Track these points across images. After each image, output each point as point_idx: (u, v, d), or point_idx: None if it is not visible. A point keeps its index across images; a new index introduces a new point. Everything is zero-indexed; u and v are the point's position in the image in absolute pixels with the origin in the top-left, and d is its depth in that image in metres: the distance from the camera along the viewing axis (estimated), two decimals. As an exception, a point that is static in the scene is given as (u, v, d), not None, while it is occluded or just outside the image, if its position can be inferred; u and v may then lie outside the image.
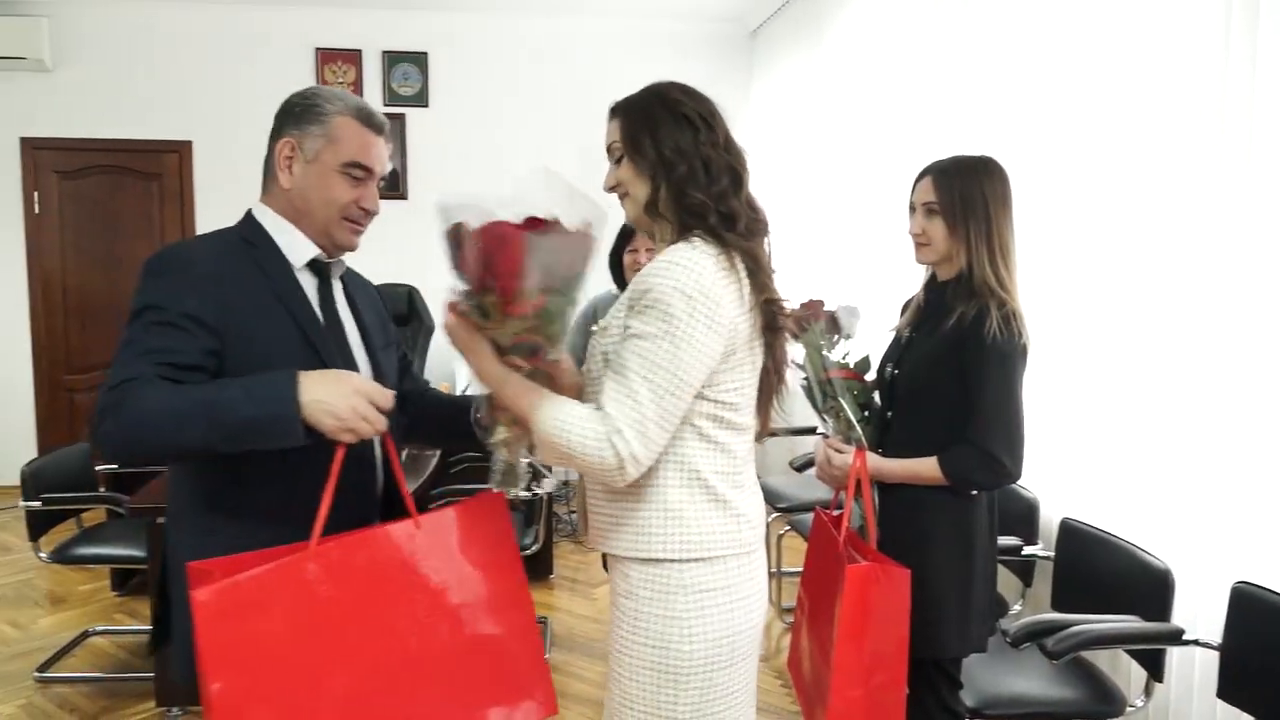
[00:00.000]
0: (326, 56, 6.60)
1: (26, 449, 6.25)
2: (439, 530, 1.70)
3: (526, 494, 1.77)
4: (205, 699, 1.45)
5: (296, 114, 1.77)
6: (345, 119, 1.76)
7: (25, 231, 6.45)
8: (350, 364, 1.79)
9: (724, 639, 1.65)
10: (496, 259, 1.49)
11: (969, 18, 3.88)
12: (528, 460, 1.77)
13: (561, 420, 1.55)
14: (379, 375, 1.85)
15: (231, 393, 1.52)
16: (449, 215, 1.60)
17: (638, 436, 1.53)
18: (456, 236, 1.57)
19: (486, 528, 1.76)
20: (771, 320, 1.69)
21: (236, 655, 1.41)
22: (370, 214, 1.82)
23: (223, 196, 6.45)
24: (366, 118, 1.79)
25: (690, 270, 1.57)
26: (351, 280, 1.96)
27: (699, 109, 1.71)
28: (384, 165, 1.83)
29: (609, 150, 1.77)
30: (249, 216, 1.81)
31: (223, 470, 1.66)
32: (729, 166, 1.69)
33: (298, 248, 1.78)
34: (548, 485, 1.84)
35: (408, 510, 1.70)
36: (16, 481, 3.72)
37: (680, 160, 1.66)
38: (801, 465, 4.18)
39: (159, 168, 6.57)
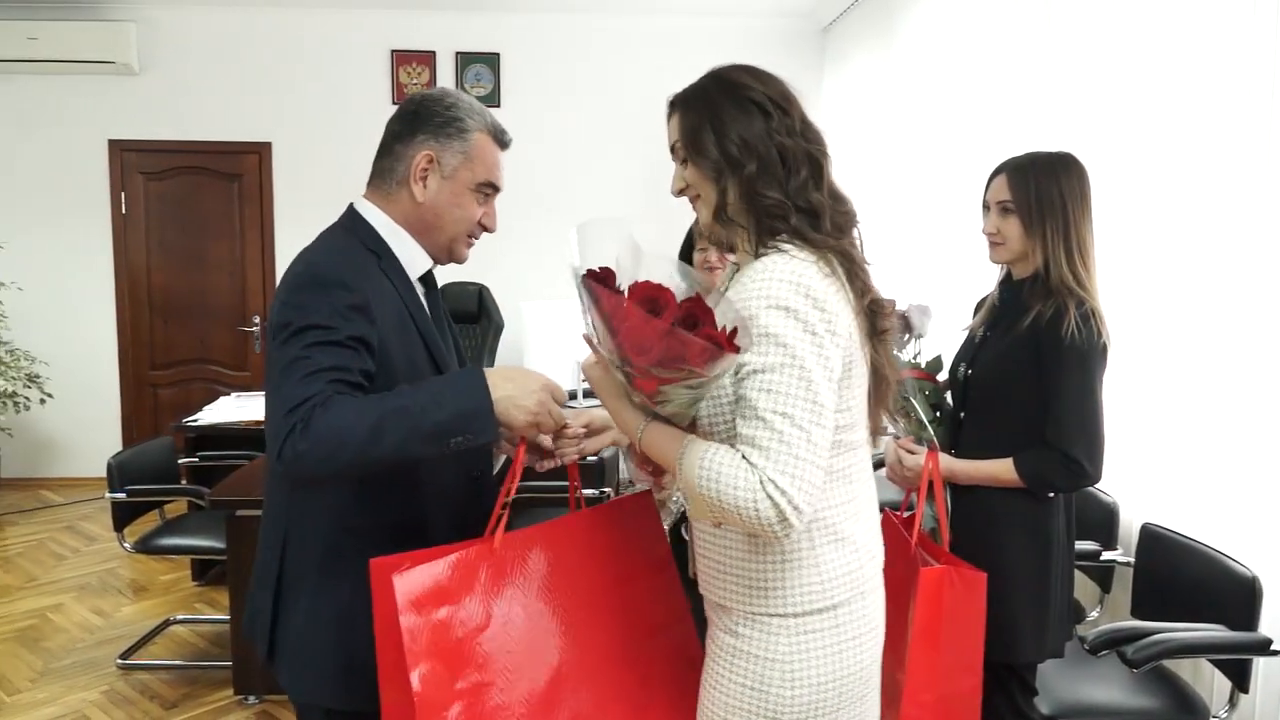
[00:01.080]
0: (401, 58, 6.69)
1: (112, 442, 6.44)
2: (603, 526, 1.72)
3: (666, 524, 1.73)
4: (395, 694, 1.46)
5: (437, 124, 1.71)
6: (484, 136, 1.74)
7: (113, 231, 6.65)
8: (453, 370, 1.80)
9: (829, 683, 1.49)
10: (626, 325, 1.35)
11: (1045, 10, 3.80)
12: (678, 498, 1.71)
13: (708, 470, 1.37)
14: None
15: (421, 398, 1.51)
16: (585, 249, 1.47)
17: (793, 482, 1.33)
18: (589, 287, 1.40)
19: (642, 525, 1.79)
20: (875, 323, 1.53)
21: (431, 644, 1.44)
22: (488, 231, 1.82)
23: (300, 196, 6.59)
24: (500, 135, 1.78)
25: (792, 283, 1.40)
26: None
27: (769, 92, 1.52)
28: (503, 182, 1.82)
29: (672, 150, 1.59)
30: (360, 219, 1.75)
31: (356, 507, 1.67)
32: (808, 155, 1.51)
33: (416, 261, 1.76)
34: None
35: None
36: (103, 473, 3.83)
37: (748, 156, 1.48)
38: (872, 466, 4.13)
39: (240, 168, 6.72)
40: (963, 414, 2.38)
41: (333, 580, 1.67)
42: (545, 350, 5.02)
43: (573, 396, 5.02)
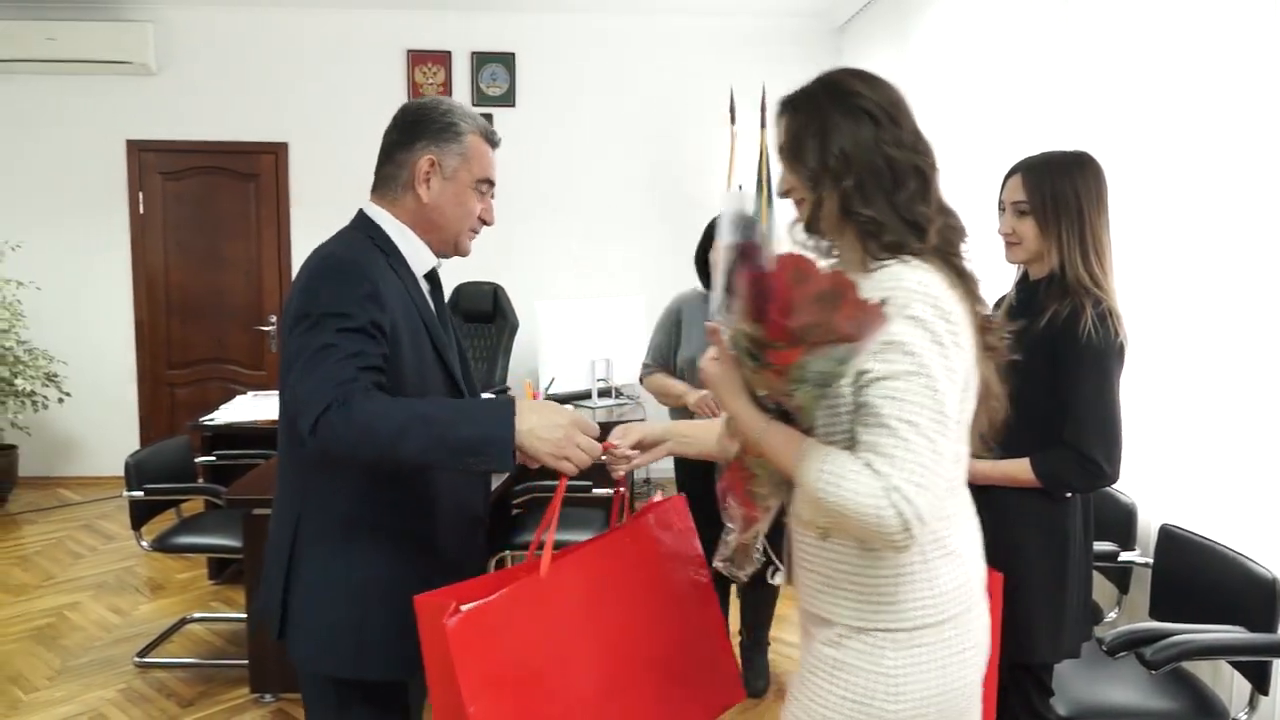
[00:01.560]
0: (417, 58, 6.71)
1: (129, 441, 6.47)
2: (641, 538, 1.77)
3: (744, 577, 1.70)
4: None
5: (435, 131, 1.84)
6: (476, 138, 1.88)
7: (130, 230, 6.69)
8: (456, 366, 1.92)
9: (933, 698, 1.45)
10: (774, 289, 1.32)
11: (1061, 8, 3.78)
12: (762, 543, 1.63)
13: (830, 474, 1.33)
14: (465, 370, 1.98)
15: (451, 412, 1.61)
16: (738, 221, 1.43)
17: (918, 491, 1.30)
18: (742, 253, 1.38)
19: (676, 529, 1.83)
20: (984, 339, 1.50)
21: (486, 677, 1.48)
22: (487, 224, 1.95)
23: (316, 196, 6.62)
24: (489, 135, 1.92)
25: (918, 292, 1.37)
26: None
27: (880, 100, 1.47)
28: (497, 178, 1.96)
29: (779, 152, 1.55)
30: (368, 221, 1.86)
31: (370, 486, 1.76)
32: (914, 168, 1.47)
33: (420, 258, 1.88)
34: (780, 578, 1.68)
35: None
36: (120, 472, 3.85)
37: (848, 170, 1.44)
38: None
39: (256, 168, 6.75)
40: (979, 414, 2.37)
41: (344, 558, 1.76)
42: (560, 349, 5.02)
43: (588, 396, 5.03)
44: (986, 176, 3.63)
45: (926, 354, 1.34)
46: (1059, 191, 2.21)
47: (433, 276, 1.95)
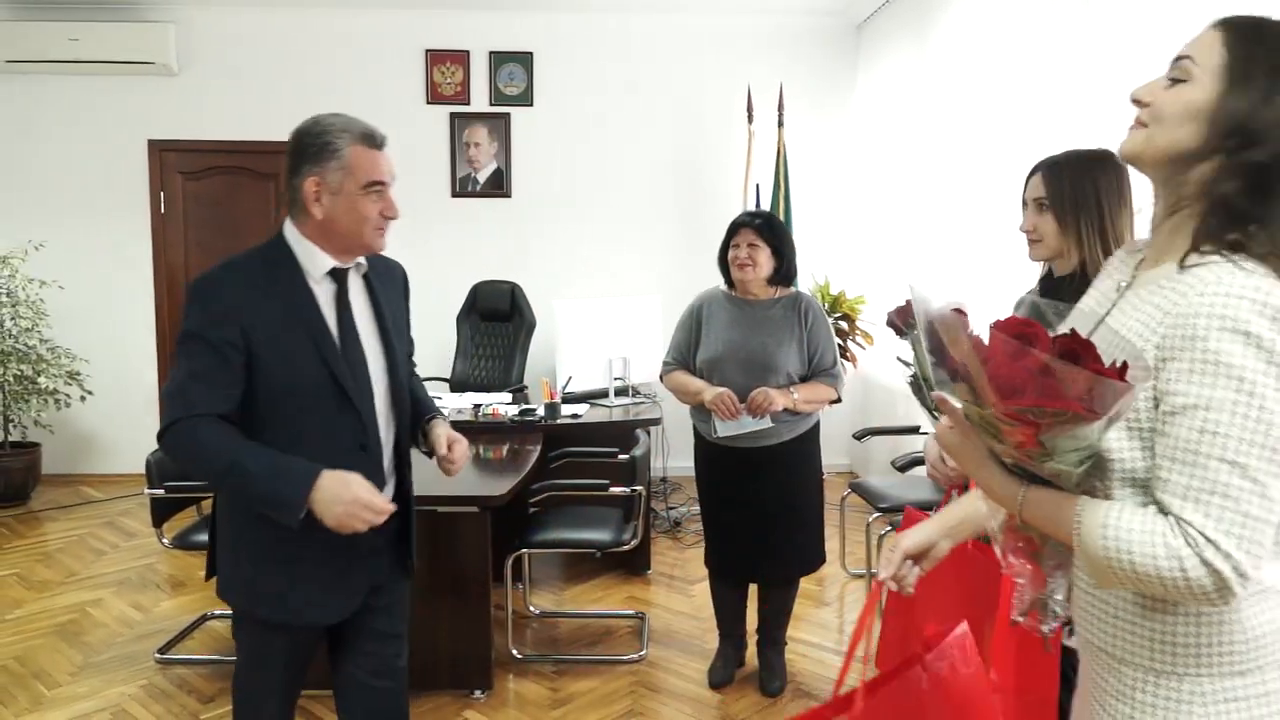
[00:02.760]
0: (436, 58, 6.72)
1: (150, 439, 6.46)
2: (949, 675, 1.68)
3: (1048, 631, 1.57)
4: None
5: (312, 153, 2.04)
6: (355, 148, 2.04)
7: (151, 230, 6.73)
8: (360, 362, 2.13)
9: None
10: (990, 364, 1.14)
11: (1082, 5, 3.76)
12: (1062, 594, 1.39)
13: (1114, 535, 1.13)
14: (391, 361, 2.21)
15: (263, 467, 1.96)
16: (924, 306, 1.25)
17: (1239, 545, 1.09)
18: (941, 325, 1.22)
19: (968, 667, 1.76)
20: None
21: None
22: (392, 219, 2.12)
23: (335, 195, 6.61)
24: (370, 139, 2.08)
25: (1256, 301, 1.12)
26: (377, 274, 2.24)
27: None
28: (393, 174, 2.12)
29: (1176, 61, 1.25)
30: (280, 238, 2.14)
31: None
32: None
33: (318, 262, 2.11)
34: (1075, 642, 1.49)
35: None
36: (142, 470, 3.87)
37: (1263, 138, 1.17)
38: (905, 465, 4.10)
39: (275, 168, 6.76)
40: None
41: (247, 523, 2.12)
42: (577, 347, 5.02)
43: (605, 395, 5.02)
44: (1008, 175, 3.62)
45: (1261, 380, 1.11)
46: (1078, 188, 2.20)
47: (336, 276, 2.13)
